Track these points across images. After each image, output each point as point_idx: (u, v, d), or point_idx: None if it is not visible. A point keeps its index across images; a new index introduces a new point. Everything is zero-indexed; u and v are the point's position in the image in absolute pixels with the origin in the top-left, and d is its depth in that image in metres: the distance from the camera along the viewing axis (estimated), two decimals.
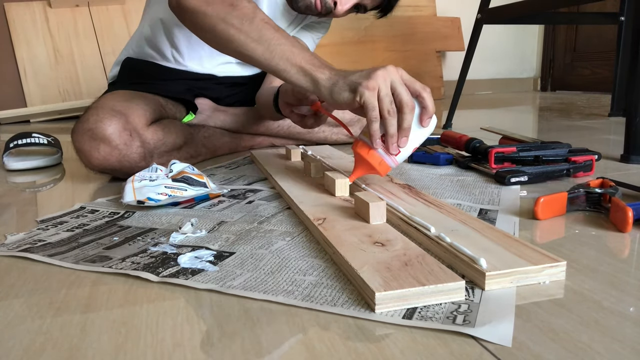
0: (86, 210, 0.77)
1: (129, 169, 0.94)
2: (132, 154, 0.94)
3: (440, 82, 3.02)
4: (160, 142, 1.02)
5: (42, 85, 2.40)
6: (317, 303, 0.45)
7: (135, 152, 0.95)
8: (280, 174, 0.91)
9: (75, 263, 0.56)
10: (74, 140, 0.94)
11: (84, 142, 0.92)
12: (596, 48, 3.13)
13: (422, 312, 0.43)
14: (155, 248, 0.59)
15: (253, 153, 1.15)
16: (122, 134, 0.93)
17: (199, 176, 0.82)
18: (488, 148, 0.97)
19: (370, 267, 0.47)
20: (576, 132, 1.52)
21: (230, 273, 0.52)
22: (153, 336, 0.41)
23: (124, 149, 0.93)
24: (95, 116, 0.93)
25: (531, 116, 2.09)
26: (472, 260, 0.48)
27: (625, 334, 0.39)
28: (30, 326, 0.43)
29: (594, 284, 0.48)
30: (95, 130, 0.91)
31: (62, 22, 2.43)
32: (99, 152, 0.92)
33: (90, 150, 0.92)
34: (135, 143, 0.95)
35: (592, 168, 0.92)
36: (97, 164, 0.93)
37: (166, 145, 1.04)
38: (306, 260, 0.54)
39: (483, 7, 1.98)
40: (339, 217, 0.63)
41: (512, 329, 0.40)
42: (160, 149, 1.02)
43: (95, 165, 0.94)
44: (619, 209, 0.64)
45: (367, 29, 2.89)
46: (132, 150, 0.94)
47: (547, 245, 0.59)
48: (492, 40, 3.21)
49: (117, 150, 0.92)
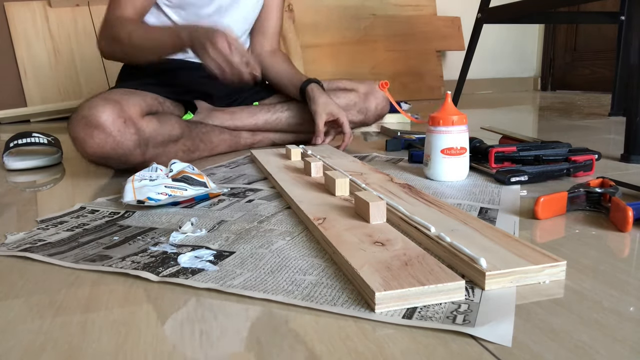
0: (86, 210, 0.77)
1: (123, 157, 0.95)
2: (127, 141, 0.95)
3: (440, 82, 3.02)
4: (155, 132, 1.03)
5: (42, 84, 2.40)
6: (317, 303, 0.45)
7: (129, 139, 0.95)
8: (280, 173, 0.91)
9: (75, 262, 0.56)
10: (70, 130, 0.95)
11: (79, 130, 0.93)
12: (596, 47, 3.13)
13: (422, 312, 0.42)
14: (155, 247, 0.59)
15: (253, 152, 1.15)
16: (117, 120, 0.94)
17: (199, 176, 0.82)
18: (488, 147, 0.97)
19: (370, 267, 0.47)
20: (576, 131, 1.52)
21: (230, 272, 0.52)
22: (153, 336, 0.41)
23: (118, 136, 0.94)
24: (90, 104, 0.94)
25: (531, 116, 2.09)
26: (472, 260, 0.48)
27: (625, 334, 0.39)
28: (30, 326, 0.43)
29: (594, 284, 0.48)
30: (90, 117, 0.92)
31: (62, 22, 2.43)
32: (94, 140, 0.93)
33: (85, 137, 0.93)
34: (129, 130, 0.96)
35: (592, 168, 0.92)
36: (92, 152, 0.94)
37: (161, 135, 1.04)
38: (306, 260, 0.54)
39: (483, 7, 1.98)
40: (339, 217, 0.63)
41: (512, 329, 0.40)
42: (156, 139, 1.03)
43: (90, 154, 0.95)
44: (619, 209, 0.64)
45: (367, 28, 2.89)
46: (127, 137, 0.95)
47: (547, 245, 0.59)
48: (492, 39, 3.20)
49: (112, 137, 0.93)
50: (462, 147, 0.88)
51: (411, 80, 2.93)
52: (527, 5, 1.84)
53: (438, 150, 0.88)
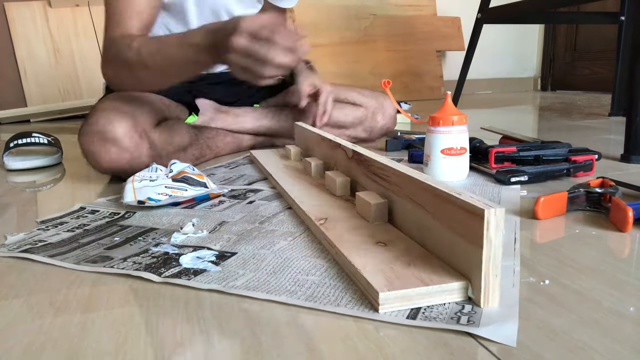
0: (86, 211, 0.77)
1: (137, 169, 0.92)
2: (142, 156, 0.93)
3: (440, 82, 3.02)
4: (167, 143, 1.02)
5: (42, 84, 2.40)
6: (321, 303, 0.45)
7: (145, 153, 0.93)
8: (280, 173, 0.91)
9: (77, 263, 0.56)
10: (82, 142, 0.92)
11: (94, 144, 0.90)
12: (596, 47, 3.13)
13: (426, 313, 0.43)
14: (157, 248, 0.59)
15: (253, 153, 1.15)
16: (133, 136, 0.91)
17: (199, 176, 0.82)
18: (488, 148, 0.97)
19: (373, 267, 0.47)
20: (576, 131, 1.52)
21: (232, 273, 0.52)
22: (153, 336, 0.41)
23: (135, 151, 0.91)
24: (104, 119, 0.91)
25: (531, 116, 2.09)
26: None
27: (625, 334, 0.39)
28: (30, 326, 0.43)
29: (594, 284, 0.48)
30: (106, 133, 0.89)
31: (62, 22, 2.43)
32: (109, 155, 0.90)
33: (100, 152, 0.90)
34: (144, 144, 0.93)
35: (592, 168, 0.92)
36: (108, 167, 0.92)
37: (172, 145, 1.04)
38: (308, 260, 0.54)
39: (483, 7, 1.98)
40: (341, 217, 0.63)
41: (517, 329, 0.40)
42: (167, 150, 1.02)
43: (106, 168, 0.93)
44: (619, 209, 0.64)
45: (367, 28, 2.89)
46: (142, 152, 0.93)
47: (547, 245, 0.59)
48: (492, 39, 3.20)
49: (128, 153, 0.91)
50: (462, 147, 0.88)
51: (411, 80, 2.93)
52: (527, 5, 1.84)
53: (438, 150, 0.88)
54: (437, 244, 0.50)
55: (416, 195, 0.54)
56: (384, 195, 0.62)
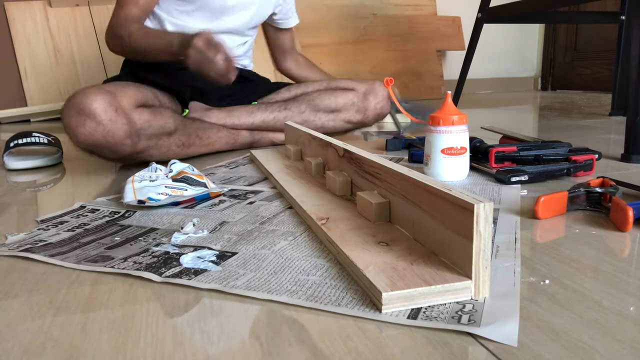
0: (86, 210, 0.77)
1: (114, 146, 0.97)
2: (117, 130, 0.97)
3: (440, 82, 3.02)
4: (147, 124, 1.04)
5: (42, 84, 2.40)
6: (322, 303, 0.45)
7: (120, 128, 0.97)
8: (280, 173, 0.91)
9: (77, 263, 0.56)
10: (63, 117, 0.97)
11: (71, 117, 0.95)
12: (596, 47, 3.13)
13: (427, 312, 0.43)
14: (157, 248, 0.59)
15: (252, 152, 1.15)
16: (108, 109, 0.96)
17: (198, 176, 0.82)
18: (488, 147, 0.97)
19: (375, 267, 0.47)
20: (576, 131, 1.52)
21: (233, 273, 0.52)
22: (153, 336, 0.41)
23: (109, 125, 0.96)
24: (82, 94, 0.97)
25: (531, 115, 2.09)
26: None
27: (625, 334, 0.39)
28: (30, 326, 0.43)
29: (594, 284, 0.48)
30: (81, 105, 0.95)
31: (62, 22, 2.43)
32: (85, 127, 0.95)
33: (76, 125, 0.95)
34: (120, 119, 0.97)
35: (592, 167, 0.92)
36: (83, 139, 0.96)
37: (154, 127, 1.05)
38: (309, 260, 0.54)
39: (483, 7, 1.98)
40: (342, 217, 0.63)
41: (518, 329, 0.40)
42: (148, 131, 1.04)
43: (81, 141, 0.97)
44: (619, 209, 0.64)
45: (367, 28, 2.89)
46: (117, 126, 0.97)
47: (548, 245, 0.59)
48: (492, 39, 3.21)
49: (102, 126, 0.95)
50: (462, 147, 0.88)
51: (411, 80, 2.93)
52: (527, 5, 1.84)
53: (438, 150, 0.88)
54: (430, 238, 0.51)
55: (408, 192, 0.55)
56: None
